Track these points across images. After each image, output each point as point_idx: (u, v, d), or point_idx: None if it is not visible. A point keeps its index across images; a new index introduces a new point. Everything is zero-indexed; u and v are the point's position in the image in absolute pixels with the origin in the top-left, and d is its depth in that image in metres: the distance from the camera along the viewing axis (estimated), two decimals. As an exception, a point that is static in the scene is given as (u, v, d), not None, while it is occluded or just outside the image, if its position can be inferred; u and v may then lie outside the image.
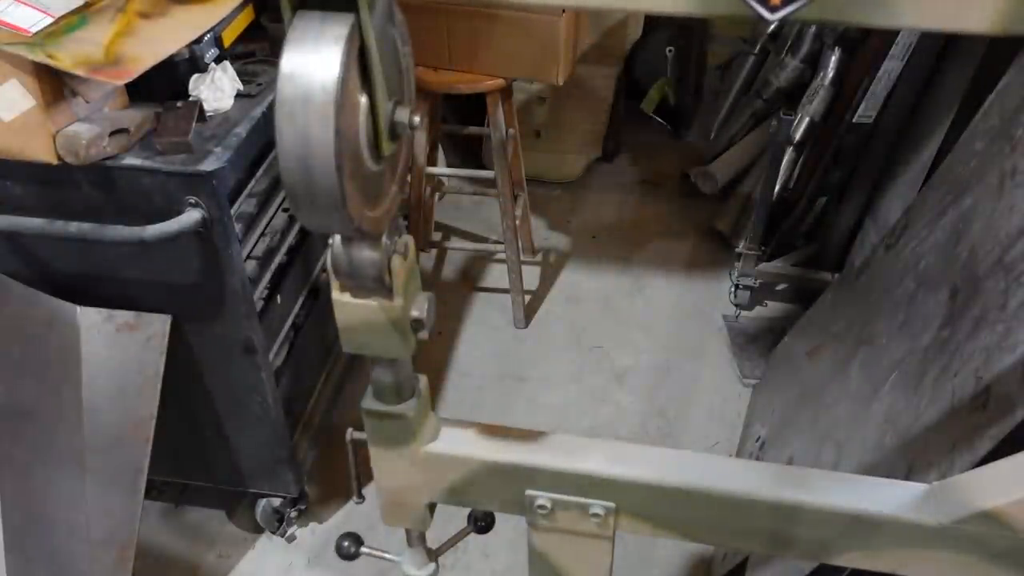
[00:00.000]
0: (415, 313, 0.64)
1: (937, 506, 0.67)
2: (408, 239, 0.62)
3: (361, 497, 0.81)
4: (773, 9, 0.48)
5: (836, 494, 0.69)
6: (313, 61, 0.45)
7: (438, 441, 0.74)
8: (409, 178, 1.98)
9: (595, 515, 0.73)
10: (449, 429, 0.76)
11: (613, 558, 0.78)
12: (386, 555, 0.87)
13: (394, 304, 0.61)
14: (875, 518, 0.67)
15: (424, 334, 0.65)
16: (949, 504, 0.66)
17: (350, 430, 0.76)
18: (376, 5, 0.48)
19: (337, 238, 0.58)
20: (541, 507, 0.73)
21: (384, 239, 0.59)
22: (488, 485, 0.74)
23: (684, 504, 0.71)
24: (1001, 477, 0.66)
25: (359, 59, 0.48)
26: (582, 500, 0.72)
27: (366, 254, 0.59)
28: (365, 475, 0.79)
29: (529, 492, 0.73)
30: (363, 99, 0.50)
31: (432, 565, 0.86)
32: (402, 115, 0.53)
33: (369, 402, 0.71)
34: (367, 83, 0.50)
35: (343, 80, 0.46)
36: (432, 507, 0.79)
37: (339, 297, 0.62)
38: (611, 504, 0.72)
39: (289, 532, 1.63)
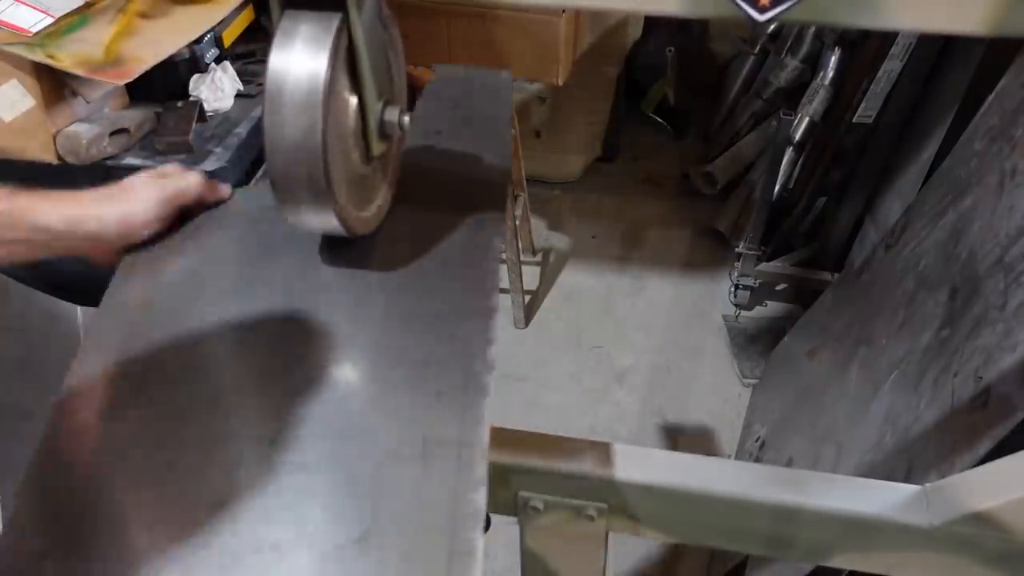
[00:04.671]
0: None
1: (929, 508, 0.67)
2: None
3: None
4: (762, 10, 0.48)
5: (827, 495, 0.69)
6: (300, 61, 0.45)
7: (431, 441, 0.74)
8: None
9: (588, 516, 0.73)
10: (442, 429, 0.75)
11: (606, 559, 0.78)
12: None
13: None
14: (867, 519, 0.67)
15: None
16: (940, 506, 0.66)
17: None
18: (365, 4, 0.48)
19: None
20: (534, 508, 0.73)
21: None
22: (481, 485, 0.74)
23: (675, 505, 0.71)
24: (992, 479, 0.65)
25: (348, 59, 0.48)
26: (575, 501, 0.72)
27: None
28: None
29: (522, 493, 0.73)
30: (352, 99, 0.51)
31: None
32: (392, 115, 0.53)
33: (362, 402, 0.71)
34: (356, 83, 0.50)
35: (331, 80, 0.46)
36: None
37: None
38: (603, 505, 0.72)
39: (289, 531, 1.63)
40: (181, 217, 0.67)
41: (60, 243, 0.61)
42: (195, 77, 1.27)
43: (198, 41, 1.25)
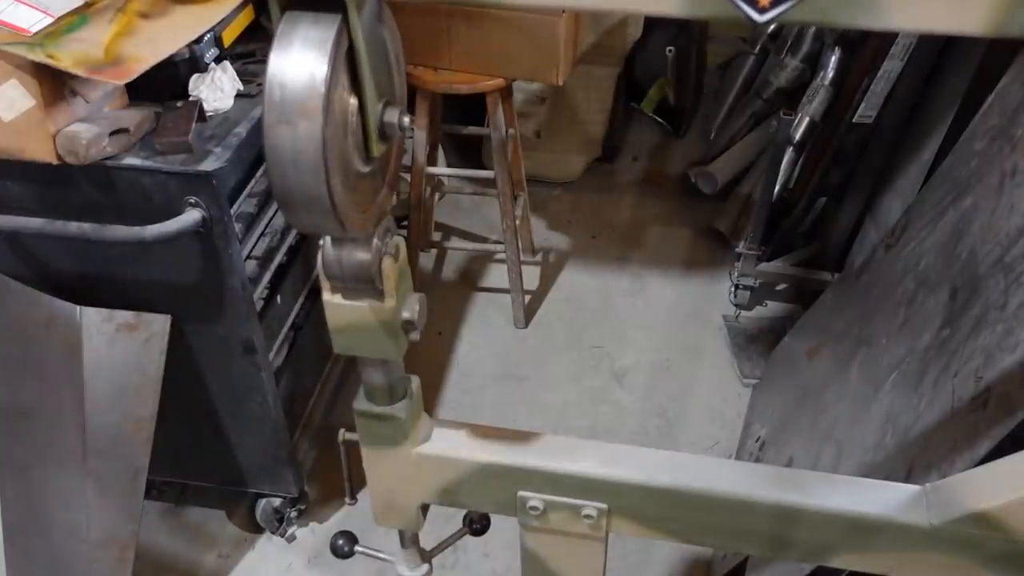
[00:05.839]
0: (406, 314, 0.64)
1: (929, 508, 0.67)
2: (399, 240, 0.62)
3: (354, 499, 0.81)
4: (762, 11, 0.48)
5: (827, 495, 0.69)
6: (300, 62, 0.45)
7: (430, 442, 0.74)
8: (409, 178, 1.98)
9: (588, 516, 0.73)
10: (441, 430, 0.76)
11: (606, 559, 0.78)
12: (380, 554, 0.87)
13: (385, 306, 0.61)
14: (867, 519, 0.67)
15: (416, 335, 0.65)
16: (941, 506, 0.66)
17: (342, 431, 0.76)
18: (365, 5, 0.48)
19: (328, 239, 0.59)
20: (533, 508, 0.73)
21: (375, 240, 0.59)
22: (480, 486, 0.74)
23: (675, 506, 0.71)
24: (993, 479, 0.65)
25: (348, 60, 0.48)
26: (575, 501, 0.72)
27: (357, 256, 0.59)
28: (358, 476, 0.79)
29: (521, 493, 0.73)
30: (352, 100, 0.50)
31: (425, 566, 0.86)
32: (392, 116, 0.53)
33: (361, 403, 0.71)
34: (356, 84, 0.50)
35: (331, 81, 0.46)
36: (425, 508, 0.79)
37: (330, 299, 0.63)
38: (603, 505, 0.72)
39: (289, 532, 1.63)
40: None
41: None
42: (195, 77, 1.27)
43: (198, 41, 1.25)
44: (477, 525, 0.90)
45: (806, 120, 2.02)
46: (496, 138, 1.85)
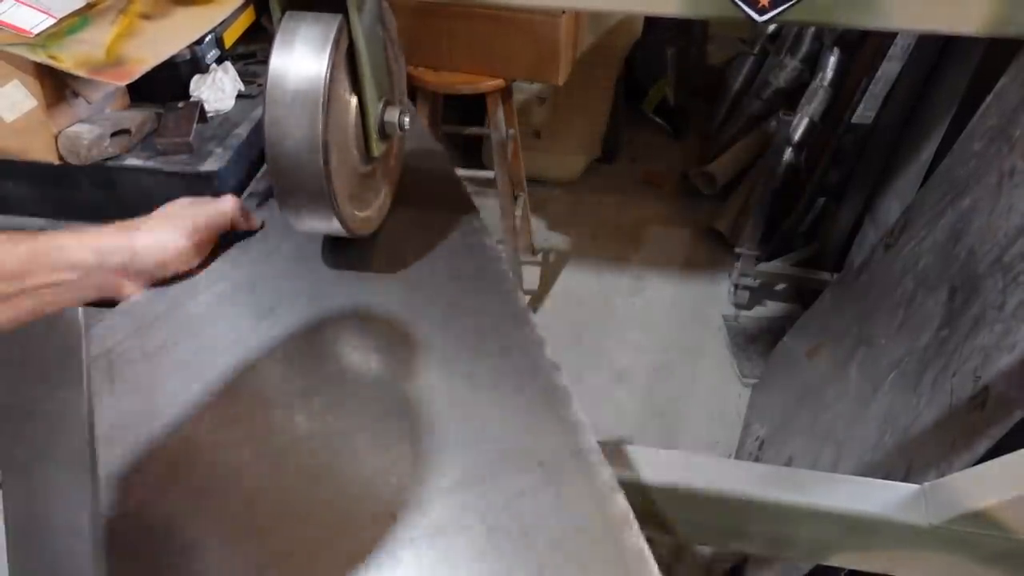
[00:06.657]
0: None
1: (928, 507, 0.67)
2: None
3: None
4: (762, 11, 0.48)
5: (827, 495, 0.69)
6: (301, 62, 0.45)
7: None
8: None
9: (588, 514, 0.73)
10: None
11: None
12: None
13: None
14: (866, 518, 0.67)
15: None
16: (939, 504, 0.66)
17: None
18: (365, 5, 0.48)
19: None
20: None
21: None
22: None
23: (675, 505, 0.71)
24: (991, 478, 0.66)
25: (348, 60, 0.49)
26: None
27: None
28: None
29: (522, 491, 0.73)
30: (352, 100, 0.51)
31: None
32: (392, 116, 0.53)
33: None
34: (356, 84, 0.50)
35: (331, 81, 0.46)
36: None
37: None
38: (604, 504, 0.72)
39: (289, 531, 1.63)
40: (218, 245, 0.63)
41: (89, 281, 0.55)
42: (196, 78, 1.27)
43: (199, 42, 1.25)
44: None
45: (805, 120, 2.03)
46: (496, 138, 1.85)
